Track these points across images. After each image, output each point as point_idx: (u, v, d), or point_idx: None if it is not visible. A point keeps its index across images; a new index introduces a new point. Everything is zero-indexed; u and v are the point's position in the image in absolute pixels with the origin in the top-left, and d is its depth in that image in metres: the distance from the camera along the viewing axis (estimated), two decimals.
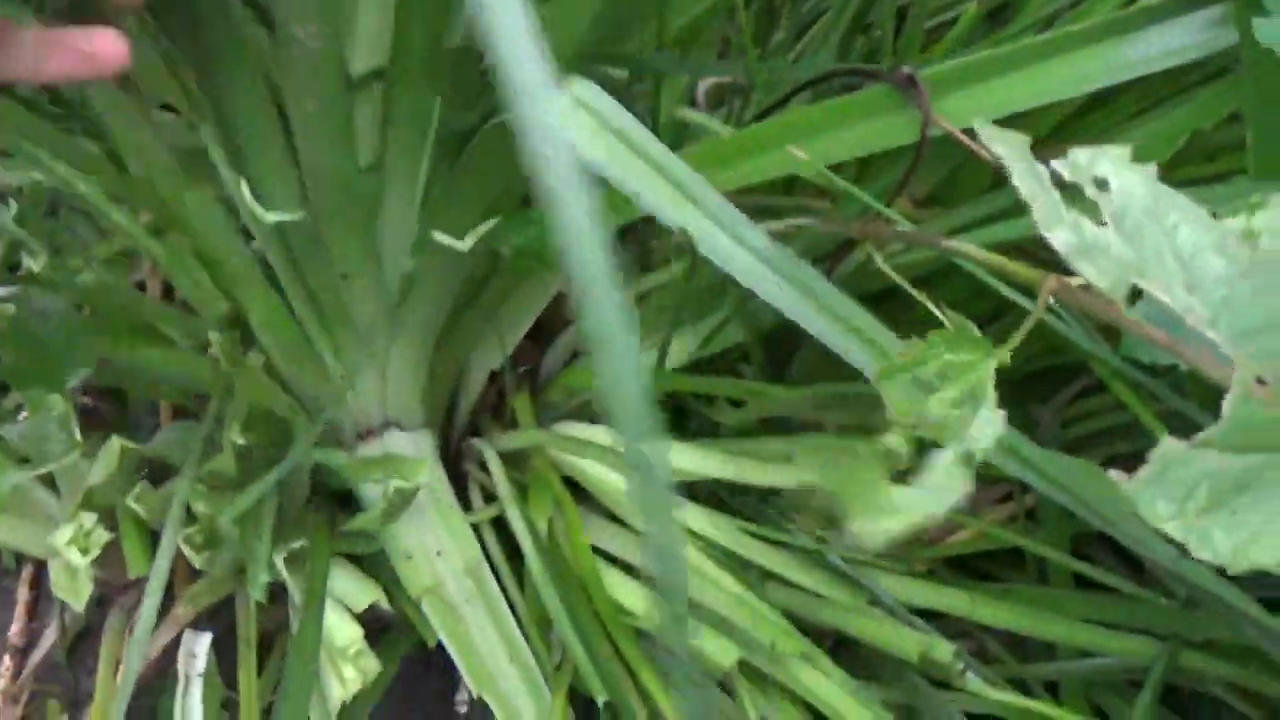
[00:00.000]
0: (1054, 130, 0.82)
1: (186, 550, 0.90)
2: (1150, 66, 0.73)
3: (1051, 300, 0.55)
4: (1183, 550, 0.47)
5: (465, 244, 0.75)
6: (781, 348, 0.94)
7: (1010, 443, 0.68)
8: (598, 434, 0.95)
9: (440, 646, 1.00)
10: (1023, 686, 0.94)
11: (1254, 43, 0.65)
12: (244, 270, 0.83)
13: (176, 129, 0.84)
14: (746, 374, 0.96)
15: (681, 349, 0.93)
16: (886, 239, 0.74)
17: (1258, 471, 0.47)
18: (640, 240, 0.97)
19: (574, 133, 0.66)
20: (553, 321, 1.00)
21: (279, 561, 0.87)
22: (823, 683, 0.87)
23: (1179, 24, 0.74)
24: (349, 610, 0.90)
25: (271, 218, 0.76)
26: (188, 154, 0.82)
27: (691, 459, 0.90)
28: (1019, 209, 0.76)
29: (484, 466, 0.98)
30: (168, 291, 1.07)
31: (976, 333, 0.56)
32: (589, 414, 0.99)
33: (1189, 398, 0.73)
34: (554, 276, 0.96)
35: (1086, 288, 0.53)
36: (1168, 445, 0.46)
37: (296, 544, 0.89)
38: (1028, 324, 0.56)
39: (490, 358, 0.98)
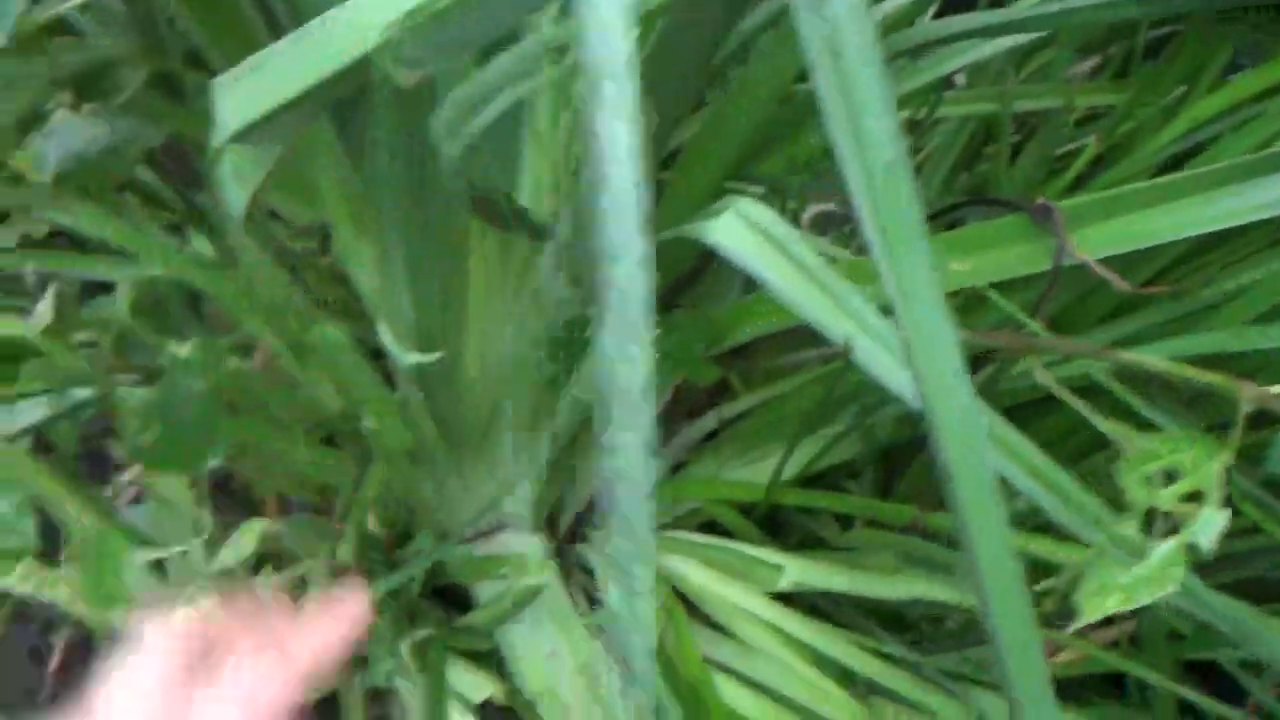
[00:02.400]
0: (1179, 260, 0.85)
1: None
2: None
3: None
4: None
5: None
6: (891, 465, 0.96)
7: None
8: (705, 543, 0.96)
9: None
10: None
11: None
12: (370, 391, 0.85)
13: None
14: (852, 490, 0.98)
15: (790, 463, 0.95)
16: (1040, 351, 0.76)
17: None
18: (746, 358, 0.99)
19: (740, 246, 0.68)
20: (663, 432, 1.02)
21: (403, 650, 0.88)
22: None
23: None
24: (467, 703, 0.90)
25: (413, 359, 0.78)
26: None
27: (803, 570, 0.92)
28: (1144, 336, 0.79)
29: (587, 571, 0.99)
30: None
31: (1203, 435, 0.58)
32: (693, 523, 1.00)
33: None
34: (669, 385, 0.99)
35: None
36: None
37: (421, 633, 0.89)
38: (1236, 430, 0.58)
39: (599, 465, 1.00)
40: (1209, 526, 0.59)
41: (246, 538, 0.88)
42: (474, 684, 0.91)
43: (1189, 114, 0.91)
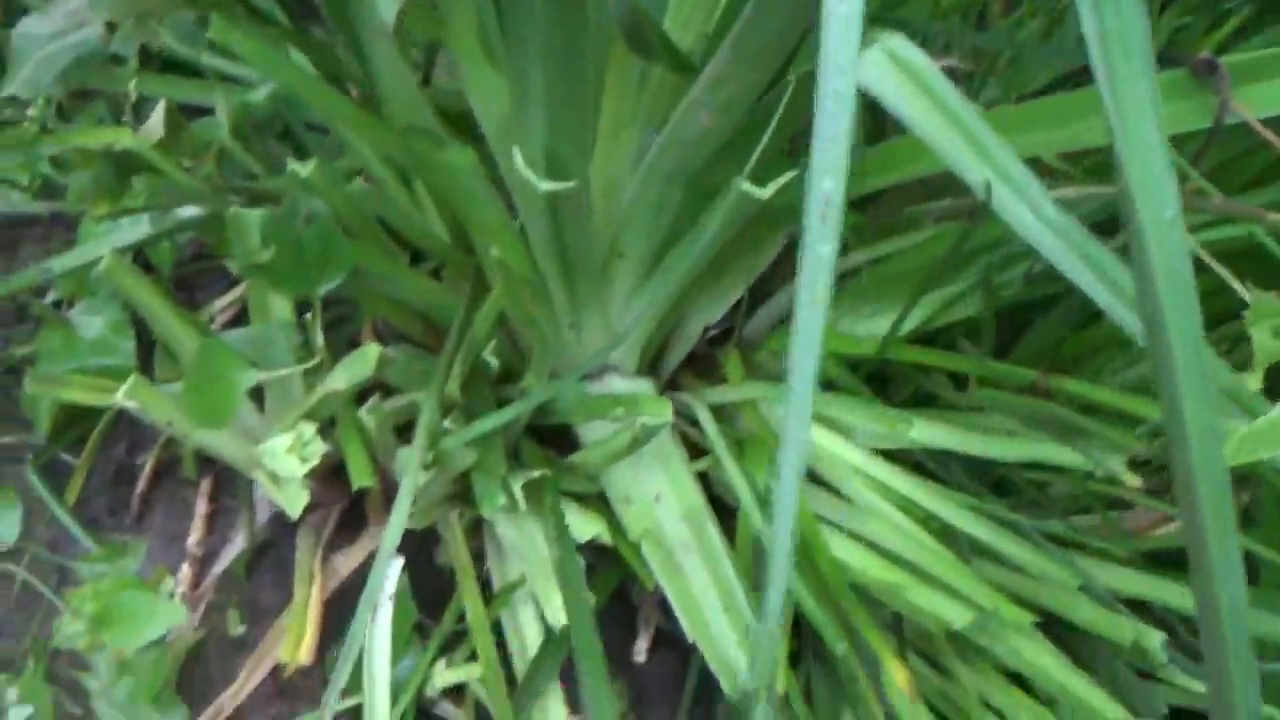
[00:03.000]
0: None
1: (408, 471, 0.90)
2: None
3: None
4: None
5: (766, 191, 0.74)
6: (1013, 325, 0.94)
7: None
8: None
9: (616, 598, 1.00)
10: None
11: None
12: (497, 221, 0.83)
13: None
14: (966, 350, 0.95)
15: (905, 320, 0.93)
16: (1195, 209, 0.73)
17: None
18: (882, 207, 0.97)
19: (884, 85, 0.66)
20: (764, 286, 1.00)
21: (516, 488, 0.87)
22: (1044, 657, 0.86)
23: None
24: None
25: (547, 186, 0.75)
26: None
27: (927, 427, 0.90)
28: None
29: (689, 418, 0.97)
30: None
31: None
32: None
33: None
34: (777, 239, 0.96)
35: None
36: None
37: (534, 473, 0.88)
38: None
39: (707, 314, 0.98)
40: None
41: (361, 361, 0.87)
42: (581, 523, 0.91)
43: None
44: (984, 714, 0.86)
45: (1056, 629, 0.90)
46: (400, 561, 0.94)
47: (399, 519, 0.83)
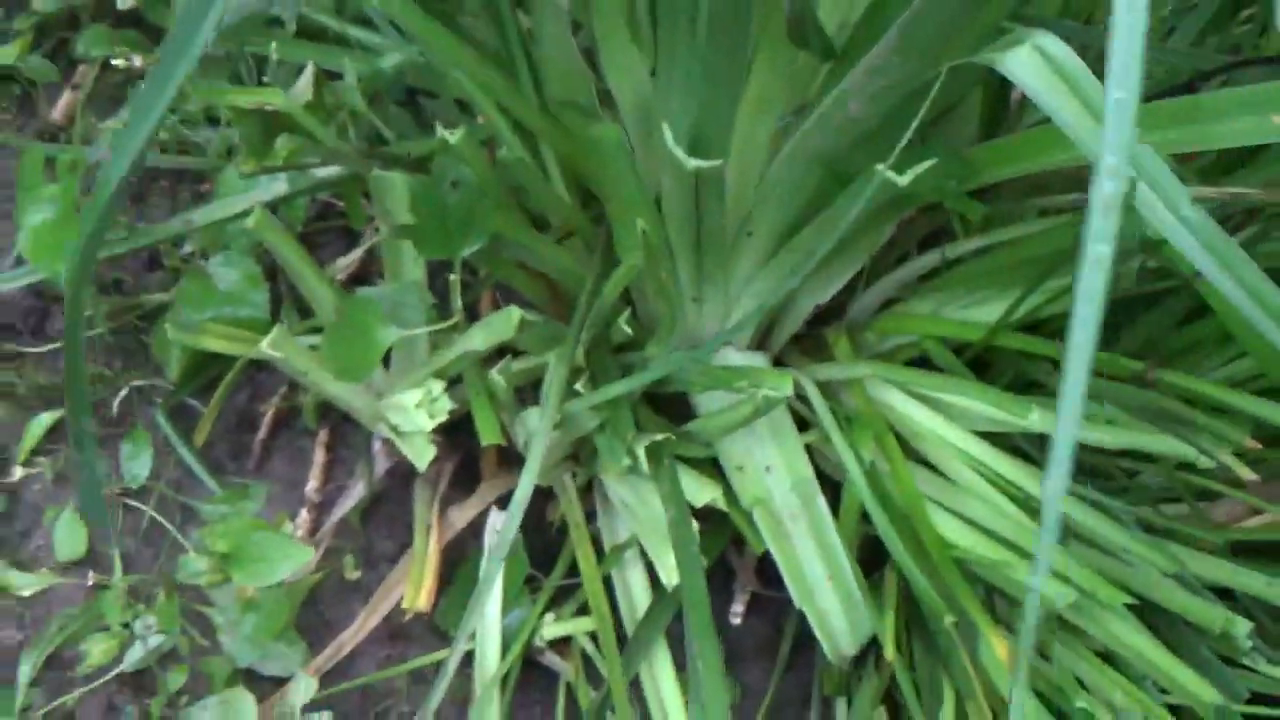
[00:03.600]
0: None
1: (530, 432, 0.93)
2: None
3: None
4: None
5: (905, 178, 0.77)
6: (1117, 319, 0.96)
7: None
8: (921, 377, 0.97)
9: (718, 562, 1.03)
10: None
11: None
12: (635, 191, 0.85)
13: None
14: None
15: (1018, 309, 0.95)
16: None
17: None
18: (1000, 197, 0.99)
19: (1034, 80, 0.68)
20: (873, 269, 1.02)
21: (640, 451, 0.90)
22: (1136, 638, 0.89)
23: None
24: (688, 505, 0.92)
25: (692, 165, 0.78)
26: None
27: (1043, 415, 0.92)
28: None
29: (799, 395, 1.00)
30: None
31: None
32: (899, 358, 1.01)
33: None
34: (891, 225, 0.99)
35: None
36: None
37: (656, 436, 0.91)
38: None
39: (819, 294, 1.01)
40: None
41: (503, 322, 0.90)
42: (697, 488, 0.94)
43: None
44: (1078, 691, 0.89)
45: (1145, 612, 0.93)
46: (518, 517, 0.98)
47: (529, 477, 0.86)
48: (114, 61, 1.21)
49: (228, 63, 1.15)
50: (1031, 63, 0.69)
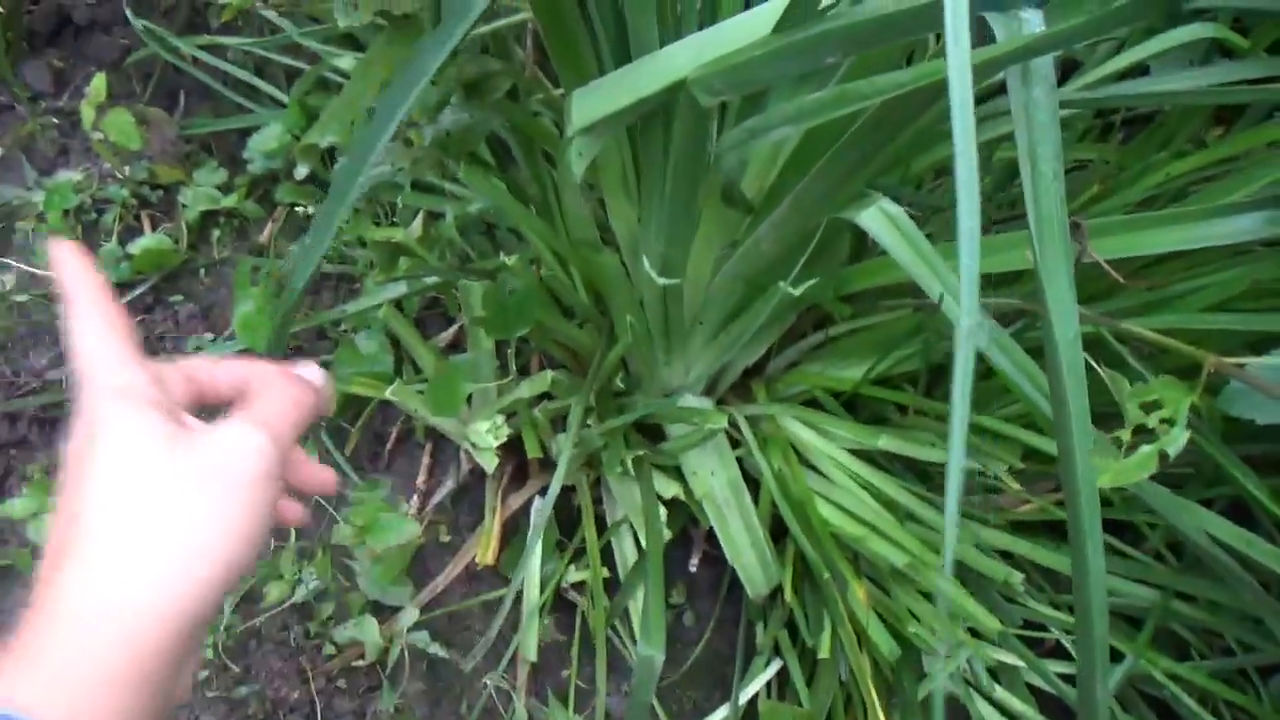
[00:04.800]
0: (1157, 262, 0.83)
1: (559, 448, 0.92)
2: (1235, 238, 0.74)
3: None
4: None
5: (799, 290, 0.76)
6: (936, 377, 0.95)
7: None
8: (811, 414, 0.97)
9: (681, 535, 1.02)
10: (1055, 608, 0.95)
11: None
12: (628, 299, 0.85)
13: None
14: (908, 390, 0.97)
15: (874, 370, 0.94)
16: None
17: None
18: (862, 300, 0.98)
19: (878, 228, 0.68)
20: (782, 343, 1.02)
21: (628, 461, 0.89)
22: (948, 585, 0.88)
23: (1254, 215, 0.74)
24: (659, 496, 0.92)
25: (661, 282, 0.78)
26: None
27: (889, 439, 0.91)
28: (1127, 313, 0.77)
29: (732, 424, 0.99)
30: None
31: (1179, 382, 0.57)
32: (798, 400, 1.00)
33: None
34: (793, 317, 0.98)
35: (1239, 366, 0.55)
36: None
37: (637, 452, 0.91)
38: (1200, 381, 0.58)
39: (746, 359, 1.00)
40: (1176, 440, 0.59)
41: (542, 380, 0.90)
42: (665, 485, 0.93)
43: (1165, 169, 0.89)
44: (911, 620, 0.87)
45: (956, 569, 0.92)
46: (551, 502, 0.97)
47: (559, 477, 0.86)
48: (297, 208, 1.22)
49: (371, 205, 1.15)
50: (877, 217, 0.69)
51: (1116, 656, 0.90)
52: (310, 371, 0.47)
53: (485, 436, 0.92)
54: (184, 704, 0.93)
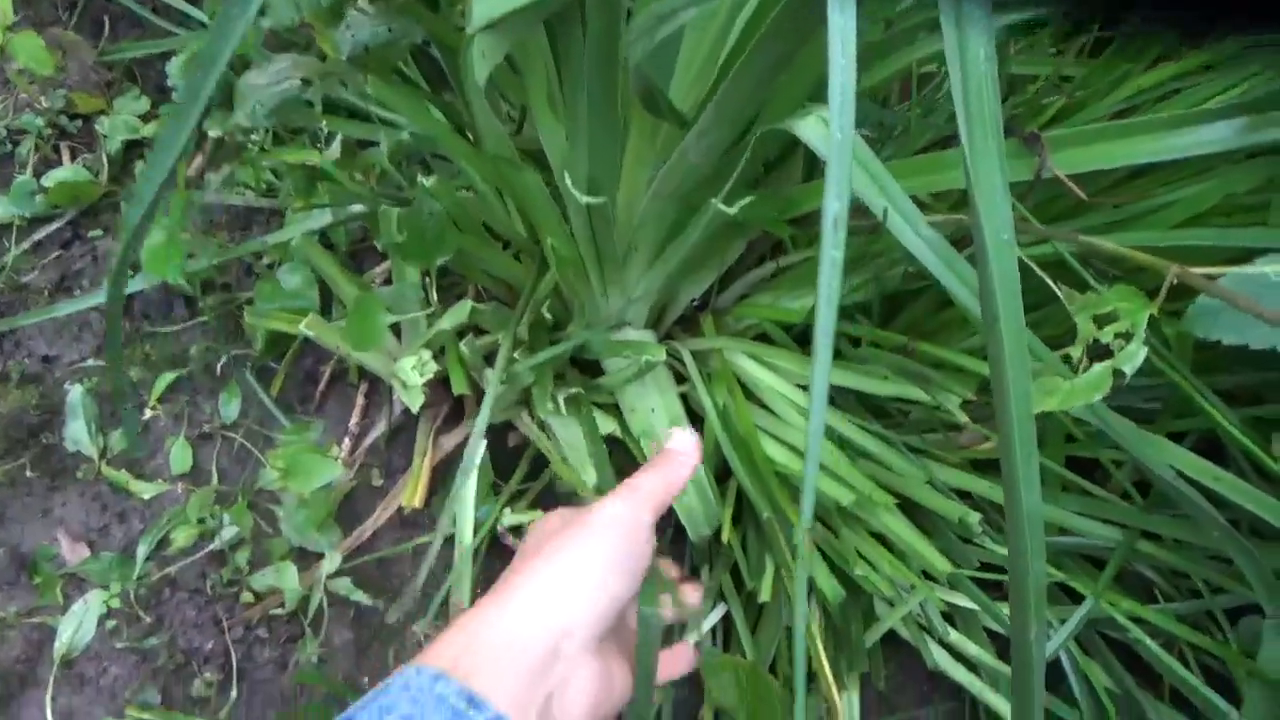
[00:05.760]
0: (1128, 179, 0.77)
1: (488, 382, 0.87)
2: (1207, 148, 0.68)
3: None
4: None
5: (734, 209, 0.70)
6: (892, 307, 0.89)
7: None
8: (760, 348, 0.91)
9: (620, 473, 0.96)
10: None
11: None
12: (553, 222, 0.79)
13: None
14: (861, 321, 0.91)
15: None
16: (1021, 232, 0.68)
17: None
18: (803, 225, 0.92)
19: (819, 141, 0.62)
20: (729, 274, 0.96)
21: (560, 398, 0.84)
22: (900, 525, 0.83)
23: (1227, 124, 0.68)
24: (598, 433, 0.86)
25: (585, 201, 0.72)
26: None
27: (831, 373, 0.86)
28: (1092, 232, 0.71)
29: (677, 359, 0.94)
30: None
31: (1137, 291, 0.52)
32: (751, 334, 0.95)
33: None
34: (740, 244, 0.92)
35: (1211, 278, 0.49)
36: None
37: (572, 389, 0.85)
38: (1162, 292, 0.52)
39: (692, 291, 0.94)
40: (1133, 357, 0.53)
41: (460, 311, 0.84)
42: (604, 423, 0.87)
43: (1132, 84, 0.83)
44: (859, 561, 0.82)
45: (910, 508, 0.87)
46: (484, 442, 0.91)
47: (484, 415, 0.80)
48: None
49: (302, 136, 1.08)
50: (815, 127, 0.62)
51: (1077, 598, 0.85)
52: (681, 440, 0.69)
53: (411, 374, 0.86)
54: (91, 655, 0.88)
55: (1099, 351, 0.54)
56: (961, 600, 0.85)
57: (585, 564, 0.54)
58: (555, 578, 0.53)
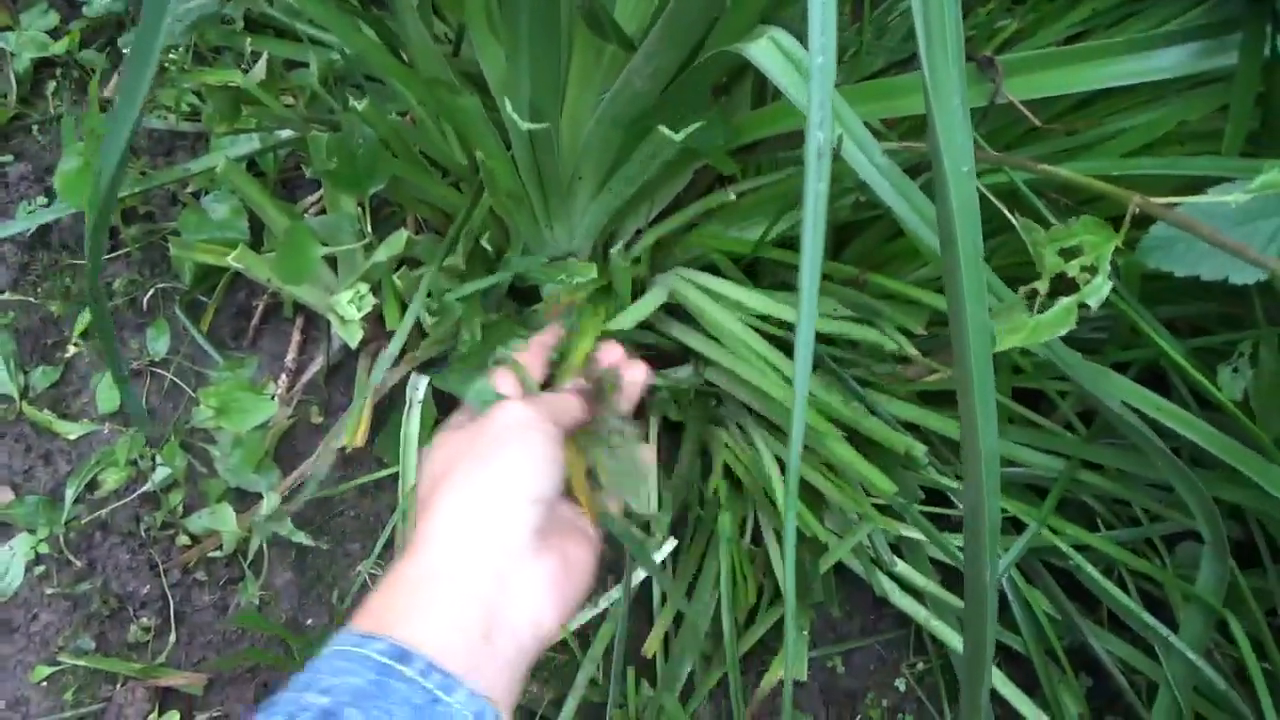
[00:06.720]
0: (1079, 105, 0.75)
1: (424, 317, 0.84)
2: (1160, 74, 0.66)
3: None
4: None
5: (679, 136, 0.67)
6: (841, 238, 0.88)
7: None
8: (702, 277, 0.89)
9: None
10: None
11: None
12: (494, 149, 0.75)
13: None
14: None
15: (773, 230, 0.86)
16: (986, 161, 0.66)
17: None
18: (750, 154, 0.89)
19: (771, 64, 0.59)
20: (676, 202, 0.93)
21: (476, 329, 0.81)
22: (850, 455, 0.82)
23: (1181, 49, 0.67)
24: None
25: (526, 126, 0.68)
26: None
27: (769, 304, 0.84)
28: (1047, 160, 0.70)
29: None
30: None
31: (1102, 223, 0.50)
32: (699, 264, 0.92)
33: None
34: (687, 173, 0.89)
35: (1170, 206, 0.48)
36: None
37: (494, 317, 0.82)
38: (1125, 223, 0.50)
39: (638, 220, 0.91)
40: (1099, 290, 0.52)
41: (395, 242, 0.80)
42: None
43: (1086, 5, 0.80)
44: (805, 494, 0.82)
45: (859, 440, 0.86)
46: (426, 379, 0.89)
47: (397, 342, 0.77)
48: None
49: (227, 56, 1.02)
50: (768, 50, 0.59)
51: (1021, 527, 0.86)
52: (609, 354, 0.67)
53: (348, 308, 0.83)
54: (19, 602, 0.85)
55: (1057, 287, 0.52)
56: (910, 531, 0.85)
57: (504, 481, 0.48)
58: (475, 503, 0.47)
